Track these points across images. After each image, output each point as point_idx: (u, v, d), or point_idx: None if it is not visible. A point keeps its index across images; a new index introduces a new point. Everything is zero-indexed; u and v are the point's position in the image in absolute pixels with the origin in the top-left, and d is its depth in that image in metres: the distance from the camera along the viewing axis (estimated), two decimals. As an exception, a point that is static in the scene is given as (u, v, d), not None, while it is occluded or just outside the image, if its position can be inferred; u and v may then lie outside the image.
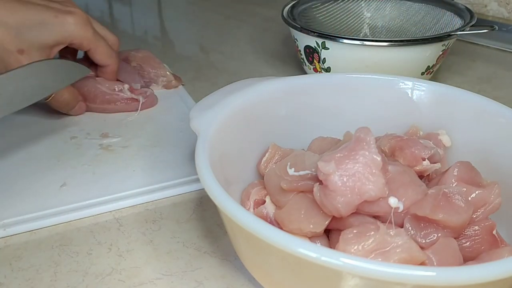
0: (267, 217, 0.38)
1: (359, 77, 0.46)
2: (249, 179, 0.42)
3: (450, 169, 0.37)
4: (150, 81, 0.66)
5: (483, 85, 0.68)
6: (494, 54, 0.78)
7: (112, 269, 0.38)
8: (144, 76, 0.66)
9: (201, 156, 0.34)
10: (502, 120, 0.39)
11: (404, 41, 0.58)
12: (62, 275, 0.38)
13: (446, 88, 0.44)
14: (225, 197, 0.30)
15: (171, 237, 0.42)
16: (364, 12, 0.73)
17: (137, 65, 0.66)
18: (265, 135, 0.43)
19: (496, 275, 0.25)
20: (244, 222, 0.28)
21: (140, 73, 0.66)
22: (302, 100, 0.45)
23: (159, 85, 0.66)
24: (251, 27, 0.92)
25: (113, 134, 0.56)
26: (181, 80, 0.68)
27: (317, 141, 0.43)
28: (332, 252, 0.26)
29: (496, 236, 0.34)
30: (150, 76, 0.66)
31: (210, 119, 0.39)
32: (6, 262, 0.39)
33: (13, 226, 0.42)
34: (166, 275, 0.38)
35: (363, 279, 0.26)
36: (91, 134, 0.56)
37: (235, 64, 0.76)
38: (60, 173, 0.49)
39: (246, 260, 0.34)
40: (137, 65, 0.66)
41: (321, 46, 0.61)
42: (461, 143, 0.42)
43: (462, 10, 0.66)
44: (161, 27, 0.98)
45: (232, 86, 0.44)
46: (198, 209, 0.45)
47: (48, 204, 0.45)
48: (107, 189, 0.47)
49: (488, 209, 0.35)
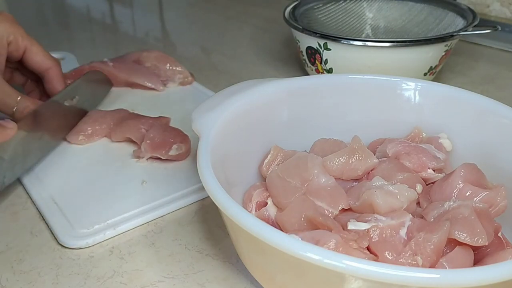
0: (269, 219, 0.38)
1: (361, 78, 0.46)
2: (251, 181, 0.41)
3: (457, 171, 0.37)
4: (166, 79, 0.67)
5: (486, 85, 0.68)
6: (497, 54, 0.78)
7: (114, 272, 0.38)
8: (160, 75, 0.67)
9: (203, 158, 0.34)
10: (505, 121, 0.39)
11: (407, 42, 0.58)
12: (63, 278, 0.38)
13: (448, 88, 0.44)
14: (227, 199, 0.30)
15: (173, 239, 0.41)
16: (366, 13, 0.73)
17: (152, 65, 0.67)
18: (267, 137, 0.43)
19: (500, 277, 0.25)
20: (246, 224, 0.28)
21: (156, 73, 0.66)
22: (304, 101, 0.45)
23: (176, 82, 0.67)
24: (252, 28, 0.92)
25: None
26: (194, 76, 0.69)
27: (319, 143, 0.43)
28: (335, 255, 0.25)
29: (502, 238, 0.34)
30: (167, 75, 0.67)
31: (212, 120, 0.38)
32: (7, 264, 0.39)
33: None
34: (168, 278, 0.38)
35: (366, 281, 0.26)
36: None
37: (237, 66, 0.76)
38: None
39: (248, 262, 0.34)
40: (152, 65, 0.67)
41: (323, 47, 0.61)
42: (464, 144, 0.42)
43: (465, 10, 0.66)
44: (162, 28, 0.98)
45: (234, 87, 0.44)
46: (200, 211, 0.45)
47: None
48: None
49: (494, 211, 0.35)
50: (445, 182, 0.37)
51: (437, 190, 0.37)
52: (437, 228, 0.31)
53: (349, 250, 0.30)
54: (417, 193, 0.36)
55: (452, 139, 0.42)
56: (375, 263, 0.25)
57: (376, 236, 0.32)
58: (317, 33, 0.60)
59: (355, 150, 0.39)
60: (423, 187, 0.38)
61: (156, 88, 0.65)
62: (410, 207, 0.35)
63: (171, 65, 0.68)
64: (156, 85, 0.65)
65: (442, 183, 0.37)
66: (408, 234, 0.32)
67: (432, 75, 0.64)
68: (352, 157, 0.39)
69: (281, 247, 0.26)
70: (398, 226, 0.32)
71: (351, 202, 0.36)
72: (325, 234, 0.31)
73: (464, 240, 0.31)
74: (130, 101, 0.63)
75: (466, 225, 0.31)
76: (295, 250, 0.26)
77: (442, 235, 0.31)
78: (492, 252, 0.32)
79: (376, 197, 0.34)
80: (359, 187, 0.37)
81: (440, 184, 0.37)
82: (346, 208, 0.36)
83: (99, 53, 0.83)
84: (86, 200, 0.45)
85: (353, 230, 0.32)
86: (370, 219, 0.33)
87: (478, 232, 0.31)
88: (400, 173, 0.38)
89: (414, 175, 0.38)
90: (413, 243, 0.31)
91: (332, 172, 0.39)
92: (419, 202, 0.37)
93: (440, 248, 0.31)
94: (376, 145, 0.43)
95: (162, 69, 0.67)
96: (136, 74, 0.66)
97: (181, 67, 0.68)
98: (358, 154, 0.39)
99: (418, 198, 0.37)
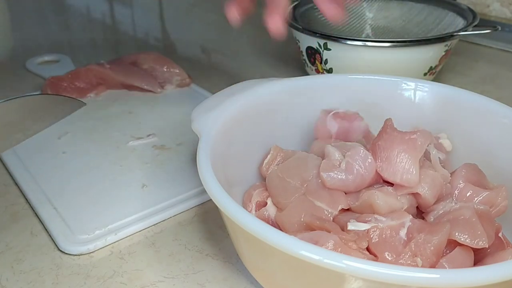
0: (268, 219, 0.38)
1: (361, 78, 0.46)
2: (251, 181, 0.41)
3: (458, 170, 0.37)
4: (164, 81, 0.67)
5: (486, 85, 0.68)
6: (497, 54, 0.78)
7: (114, 272, 0.38)
8: (157, 77, 0.66)
9: (202, 158, 0.34)
10: (505, 121, 0.39)
11: (407, 42, 0.58)
12: (63, 278, 0.38)
13: (448, 88, 0.44)
14: (227, 199, 0.30)
15: (173, 239, 0.41)
16: (366, 13, 0.73)
17: (149, 67, 0.67)
18: (267, 137, 0.43)
19: (500, 277, 0.25)
20: (246, 224, 0.28)
21: (154, 75, 0.66)
22: (304, 101, 0.45)
23: (173, 84, 0.67)
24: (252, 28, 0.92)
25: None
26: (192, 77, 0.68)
27: (319, 143, 0.42)
28: (335, 255, 0.25)
29: (502, 238, 0.34)
30: (164, 77, 0.67)
31: (212, 120, 0.38)
32: (7, 264, 0.39)
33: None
34: (168, 278, 0.38)
35: (366, 281, 0.26)
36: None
37: (237, 66, 0.76)
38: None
39: (248, 262, 0.34)
40: (149, 67, 0.67)
41: (323, 47, 0.61)
42: (464, 144, 0.42)
43: (465, 10, 0.66)
44: (162, 28, 0.98)
45: (234, 87, 0.44)
46: (200, 211, 0.45)
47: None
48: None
49: (494, 211, 0.35)
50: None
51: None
52: (437, 229, 0.31)
53: (348, 251, 0.30)
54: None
55: (452, 139, 0.42)
56: (375, 263, 0.25)
57: (376, 236, 0.32)
58: (317, 33, 0.60)
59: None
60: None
61: (153, 90, 0.65)
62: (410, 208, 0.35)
63: (168, 67, 0.67)
64: (154, 87, 0.65)
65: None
66: (408, 235, 0.32)
67: (432, 75, 0.64)
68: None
69: (281, 247, 0.26)
70: (398, 227, 0.32)
71: (351, 202, 0.36)
72: (323, 235, 0.31)
73: (464, 241, 0.31)
74: (127, 103, 0.63)
75: (467, 226, 0.31)
76: (295, 250, 0.26)
77: (442, 236, 0.31)
78: (492, 252, 0.32)
79: (376, 197, 0.34)
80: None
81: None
82: (345, 208, 0.36)
83: (98, 53, 0.83)
84: (86, 205, 0.45)
85: (352, 230, 0.32)
86: (370, 219, 0.33)
87: (479, 234, 0.31)
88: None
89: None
90: (413, 244, 0.31)
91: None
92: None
93: (440, 249, 0.31)
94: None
95: (160, 71, 0.67)
96: (133, 76, 0.65)
97: (178, 69, 0.67)
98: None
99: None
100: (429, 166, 0.36)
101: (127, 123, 0.59)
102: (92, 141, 0.55)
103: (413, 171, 0.34)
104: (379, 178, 0.36)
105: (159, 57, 0.69)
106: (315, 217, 0.34)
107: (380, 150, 0.35)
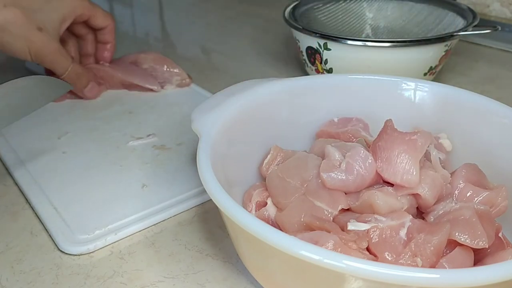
0: (268, 219, 0.38)
1: (361, 78, 0.46)
2: (251, 181, 0.41)
3: (458, 170, 0.37)
4: (164, 81, 0.67)
5: (486, 85, 0.68)
6: (497, 54, 0.78)
7: (114, 272, 0.38)
8: (157, 77, 0.67)
9: (202, 158, 0.34)
10: (505, 121, 0.39)
11: (407, 42, 0.58)
12: (63, 278, 0.38)
13: (449, 88, 0.43)
14: (227, 199, 0.30)
15: (173, 239, 0.41)
16: (366, 13, 0.73)
17: (149, 67, 0.67)
18: (267, 137, 0.43)
19: (500, 277, 0.25)
20: (246, 224, 0.28)
21: (153, 75, 0.66)
22: (304, 101, 0.45)
23: (173, 84, 0.67)
24: (252, 28, 0.92)
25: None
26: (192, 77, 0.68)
27: (319, 143, 0.43)
28: (335, 255, 0.25)
29: (502, 238, 0.34)
30: (164, 76, 0.67)
31: (212, 120, 0.38)
32: (7, 264, 0.39)
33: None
34: (168, 278, 0.38)
35: (366, 281, 0.26)
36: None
37: (237, 66, 0.76)
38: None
39: (248, 262, 0.34)
40: (149, 67, 0.67)
41: (323, 47, 0.61)
42: (464, 144, 0.42)
43: (465, 10, 0.65)
44: (162, 28, 0.98)
45: (234, 87, 0.44)
46: (200, 211, 0.45)
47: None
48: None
49: (494, 211, 0.35)
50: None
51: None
52: (438, 229, 0.31)
53: (347, 251, 0.30)
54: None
55: (452, 139, 0.42)
56: (375, 263, 0.25)
57: (376, 236, 0.32)
58: (317, 33, 0.60)
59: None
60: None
61: (154, 88, 0.65)
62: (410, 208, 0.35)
63: (168, 67, 0.67)
64: (154, 87, 0.65)
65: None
66: (408, 235, 0.32)
67: (432, 75, 0.64)
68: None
69: (281, 247, 0.26)
70: (398, 227, 0.32)
71: (351, 202, 0.36)
72: (323, 235, 0.31)
73: (464, 242, 0.31)
74: (127, 103, 0.63)
75: (467, 226, 0.31)
76: (295, 250, 0.26)
77: (442, 236, 0.31)
78: (492, 252, 0.32)
79: (376, 197, 0.34)
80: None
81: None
82: (345, 209, 0.36)
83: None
84: (86, 205, 0.45)
85: (352, 230, 0.32)
86: (370, 219, 0.33)
87: (479, 234, 0.31)
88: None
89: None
90: (413, 244, 0.31)
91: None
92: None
93: (440, 249, 0.31)
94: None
95: (160, 70, 0.67)
96: (133, 75, 0.65)
97: (178, 69, 0.67)
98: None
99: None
100: (430, 167, 0.36)
101: (127, 123, 0.59)
102: (92, 141, 0.55)
103: (413, 171, 0.34)
104: (379, 178, 0.36)
105: (159, 57, 0.69)
106: (315, 217, 0.34)
107: (381, 150, 0.35)
